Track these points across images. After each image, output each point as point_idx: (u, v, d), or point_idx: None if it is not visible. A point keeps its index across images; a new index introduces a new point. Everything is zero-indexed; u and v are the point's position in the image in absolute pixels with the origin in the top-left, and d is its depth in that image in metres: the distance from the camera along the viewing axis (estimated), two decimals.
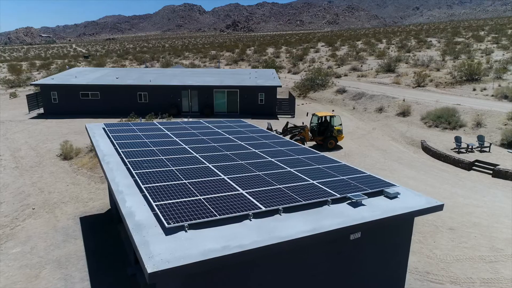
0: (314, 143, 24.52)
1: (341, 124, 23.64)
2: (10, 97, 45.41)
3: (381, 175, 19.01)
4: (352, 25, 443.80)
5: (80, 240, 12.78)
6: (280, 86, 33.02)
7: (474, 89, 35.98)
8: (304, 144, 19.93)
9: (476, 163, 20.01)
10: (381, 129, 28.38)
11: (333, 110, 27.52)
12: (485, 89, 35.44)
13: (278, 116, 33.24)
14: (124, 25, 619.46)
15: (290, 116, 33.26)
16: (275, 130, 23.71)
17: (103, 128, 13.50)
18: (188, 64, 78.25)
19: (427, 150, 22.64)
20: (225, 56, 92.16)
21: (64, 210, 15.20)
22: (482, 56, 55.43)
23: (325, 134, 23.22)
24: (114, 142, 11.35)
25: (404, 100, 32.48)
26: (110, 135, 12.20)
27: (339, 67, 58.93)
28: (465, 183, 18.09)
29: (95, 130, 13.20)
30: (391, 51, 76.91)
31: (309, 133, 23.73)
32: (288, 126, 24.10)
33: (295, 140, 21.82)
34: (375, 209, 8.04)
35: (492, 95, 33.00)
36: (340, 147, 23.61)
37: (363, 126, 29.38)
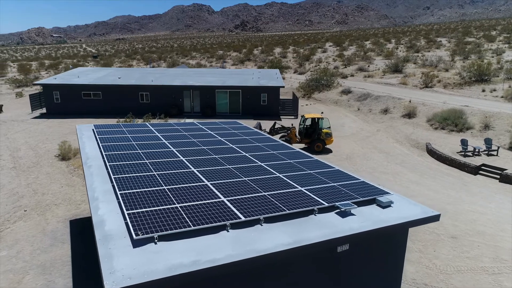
0: (304, 145, 23.90)
1: (329, 127, 23.02)
2: (16, 96, 45.67)
3: (383, 179, 18.42)
4: (362, 25, 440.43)
5: (67, 244, 12.47)
6: (283, 87, 32.50)
7: (483, 90, 35.02)
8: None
9: (483, 167, 19.27)
10: (385, 131, 27.70)
11: (322, 112, 26.97)
12: (494, 90, 34.46)
13: (281, 117, 32.73)
14: (134, 25, 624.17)
15: (293, 117, 32.73)
16: (264, 130, 23.34)
17: (93, 130, 13.17)
18: (195, 64, 78.13)
19: (432, 153, 21.93)
20: (231, 56, 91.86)
21: (55, 212, 14.93)
22: (492, 56, 54.16)
23: (312, 136, 22.64)
24: (100, 144, 11.00)
25: (410, 101, 31.71)
26: (97, 137, 11.86)
27: (345, 67, 58.15)
28: (471, 188, 17.39)
29: (83, 132, 12.88)
30: (400, 51, 75.79)
31: (297, 134, 23.21)
32: (276, 127, 23.70)
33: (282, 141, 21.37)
34: (365, 219, 7.52)
35: (502, 96, 32.04)
36: (329, 150, 22.97)
37: (367, 128, 28.71)
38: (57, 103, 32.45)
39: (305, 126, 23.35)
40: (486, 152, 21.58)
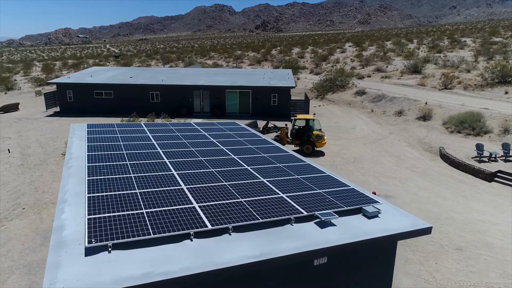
0: (294, 146, 23.34)
1: (321, 129, 22.32)
2: (36, 95, 46.82)
3: (390, 184, 17.62)
4: (385, 25, 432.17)
5: None
6: (294, 87, 31.88)
7: (506, 92, 33.30)
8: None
9: (499, 174, 18.13)
10: (398, 133, 26.66)
11: (314, 114, 26.28)
12: None
13: (292, 118, 32.09)
14: (157, 25, 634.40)
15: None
16: (258, 128, 23.09)
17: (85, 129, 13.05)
18: (211, 64, 78.30)
19: (445, 157, 20.87)
20: (249, 56, 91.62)
21: (52, 211, 14.91)
22: None
23: (302, 138, 22.00)
24: (87, 144, 10.82)
25: (426, 103, 30.48)
26: (87, 136, 11.70)
27: (363, 68, 56.83)
28: (483, 196, 16.35)
29: (75, 131, 12.78)
30: (421, 51, 73.55)
31: (288, 135, 22.69)
32: (269, 126, 23.40)
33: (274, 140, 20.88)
34: (346, 230, 6.96)
35: None
36: (322, 153, 22.19)
37: (379, 130, 27.74)
38: (70, 101, 32.94)
39: (294, 127, 22.79)
40: (504, 158, 20.35)
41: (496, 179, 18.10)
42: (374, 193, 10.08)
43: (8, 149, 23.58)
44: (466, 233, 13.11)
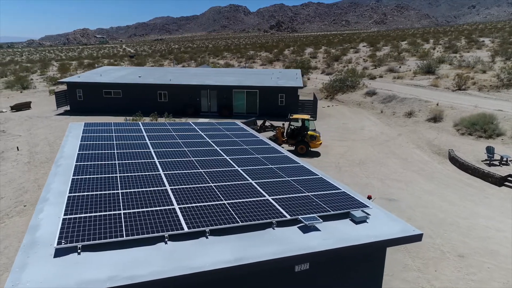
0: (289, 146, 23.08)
1: (315, 130, 22.01)
2: (50, 94, 47.70)
3: (394, 187, 17.15)
4: (401, 25, 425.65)
5: None
6: (301, 87, 31.52)
7: None
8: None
9: (509, 178, 17.44)
10: (407, 135, 26.03)
11: (310, 114, 26.02)
12: None
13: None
14: (172, 26, 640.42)
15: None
16: (256, 126, 22.96)
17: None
18: (223, 64, 78.42)
19: (454, 160, 20.22)
20: (261, 56, 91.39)
21: None
22: None
23: (297, 138, 21.67)
24: (79, 143, 10.80)
25: (437, 105, 29.70)
26: (81, 135, 11.70)
27: (375, 68, 55.93)
28: (492, 201, 15.74)
29: (72, 130, 12.81)
30: (437, 51, 71.98)
31: (284, 135, 22.48)
32: (265, 125, 23.35)
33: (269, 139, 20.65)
34: (330, 236, 6.69)
35: None
36: (317, 154, 21.81)
37: (387, 132, 27.15)
38: (80, 100, 33.37)
39: (290, 127, 22.52)
40: None
41: (506, 183, 17.42)
42: (370, 197, 9.74)
43: (17, 147, 23.99)
44: (470, 239, 12.60)
